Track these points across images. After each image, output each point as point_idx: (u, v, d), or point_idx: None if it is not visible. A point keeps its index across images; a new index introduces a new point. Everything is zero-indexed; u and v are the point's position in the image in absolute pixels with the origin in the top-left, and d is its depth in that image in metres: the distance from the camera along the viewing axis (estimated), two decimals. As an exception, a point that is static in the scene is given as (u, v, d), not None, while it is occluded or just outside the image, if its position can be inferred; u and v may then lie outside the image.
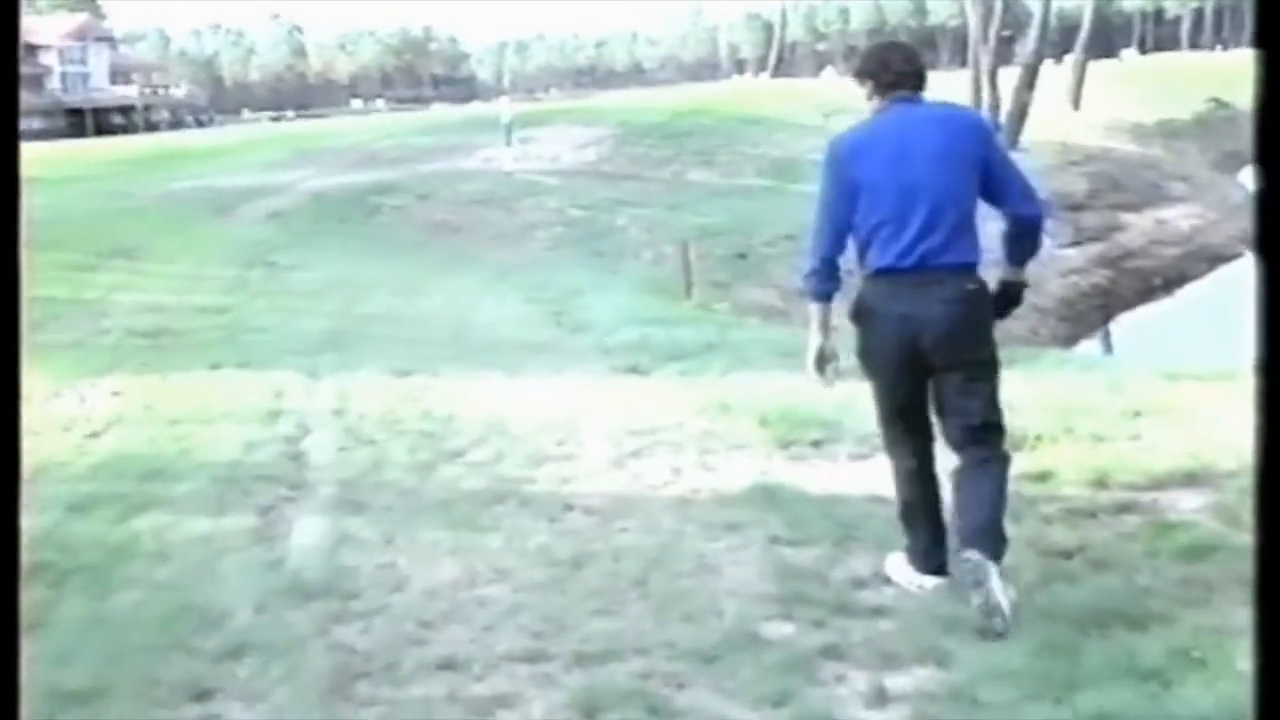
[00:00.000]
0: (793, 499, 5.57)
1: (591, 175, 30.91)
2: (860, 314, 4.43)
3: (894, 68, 4.47)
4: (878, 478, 5.69)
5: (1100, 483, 5.44)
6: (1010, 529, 4.77)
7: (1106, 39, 69.05)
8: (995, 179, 4.41)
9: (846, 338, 4.54)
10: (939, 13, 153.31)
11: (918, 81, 4.52)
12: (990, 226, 4.54)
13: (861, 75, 4.52)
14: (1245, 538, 4.41)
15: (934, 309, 4.27)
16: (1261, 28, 1.93)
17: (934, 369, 4.34)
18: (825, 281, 4.49)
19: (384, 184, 27.70)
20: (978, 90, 42.23)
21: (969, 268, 4.36)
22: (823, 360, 4.57)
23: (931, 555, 4.43)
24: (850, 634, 4.07)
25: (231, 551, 5.25)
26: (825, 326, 4.53)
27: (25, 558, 2.46)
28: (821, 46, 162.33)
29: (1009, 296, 4.59)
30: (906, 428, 4.52)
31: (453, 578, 4.79)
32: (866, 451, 6.17)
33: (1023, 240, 4.57)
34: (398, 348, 10.84)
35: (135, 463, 6.84)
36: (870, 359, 4.46)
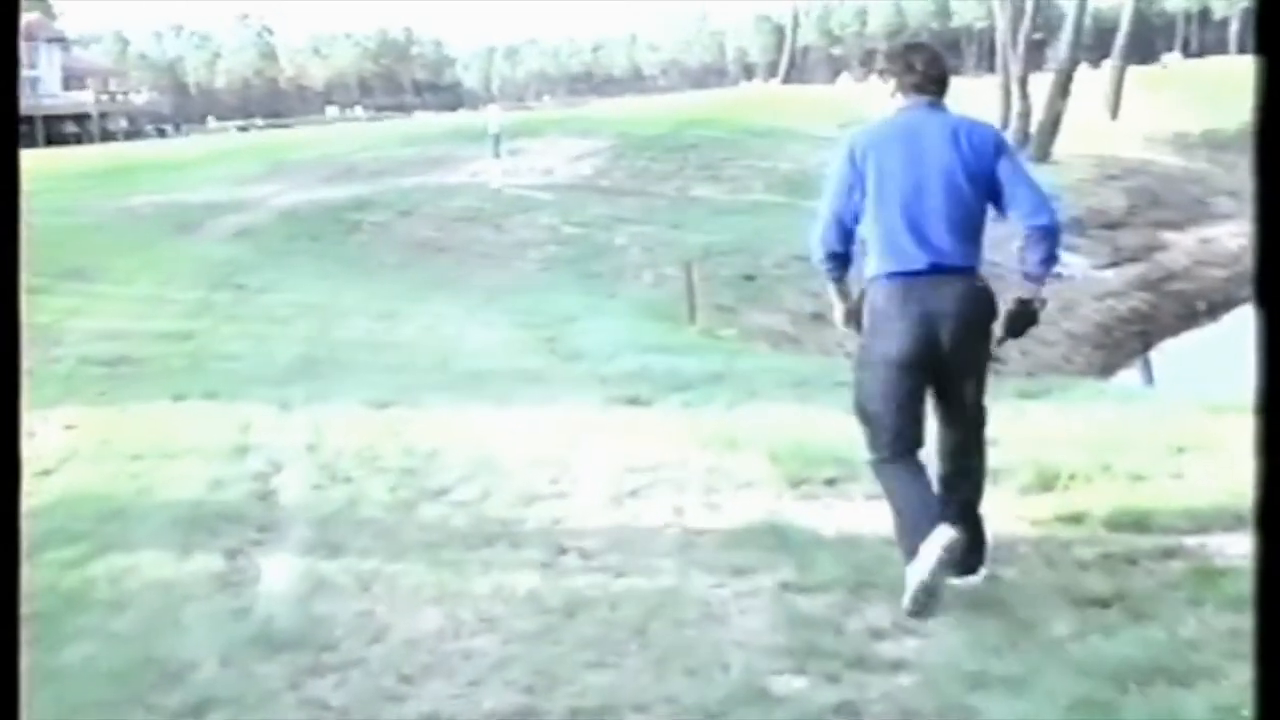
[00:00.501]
0: (805, 542, 5.57)
1: (587, 190, 31.00)
2: (871, 318, 4.85)
3: (918, 69, 4.91)
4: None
5: (1140, 525, 5.43)
6: (1042, 575, 4.78)
7: (1147, 42, 69.33)
8: (1007, 192, 4.83)
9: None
10: (964, 14, 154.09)
11: (940, 86, 4.96)
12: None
13: (886, 74, 4.99)
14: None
15: (950, 306, 4.74)
16: (1262, 34, 1.95)
17: (941, 372, 4.81)
18: (838, 269, 5.01)
19: (362, 199, 27.78)
20: (1007, 98, 42.43)
21: (974, 271, 4.87)
22: (852, 315, 5.05)
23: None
24: (867, 690, 4.07)
25: (195, 599, 5.25)
26: (846, 294, 5.08)
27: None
28: (837, 51, 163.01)
29: (1026, 315, 4.92)
30: (908, 446, 4.84)
31: (436, 627, 4.79)
32: (885, 490, 6.18)
33: (1038, 251, 4.91)
34: (377, 377, 10.85)
35: (90, 502, 6.84)
36: (880, 367, 4.82)
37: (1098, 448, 6.66)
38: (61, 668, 4.55)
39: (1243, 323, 25.81)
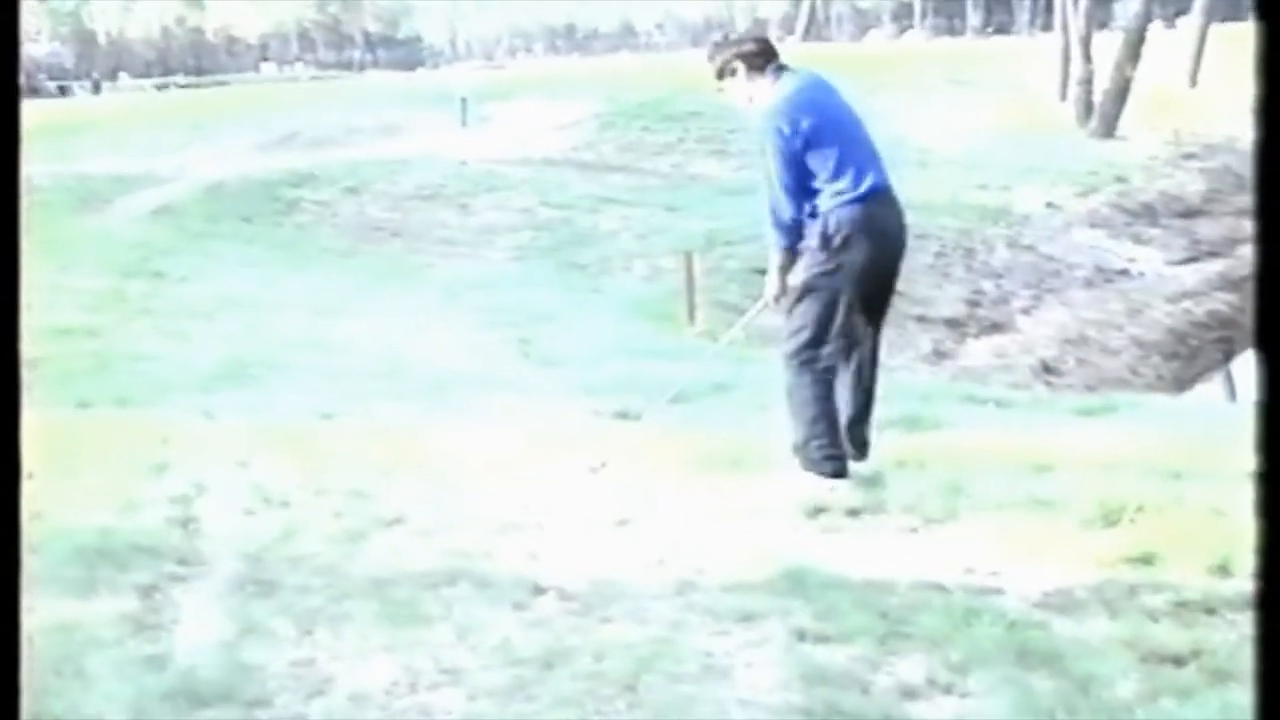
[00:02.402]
0: (824, 583, 5.59)
1: (569, 165, 31.03)
2: (846, 239, 6.48)
3: (767, 46, 6.96)
4: (933, 557, 5.73)
5: (1221, 568, 5.46)
6: (1104, 626, 4.79)
7: (1235, -5, 68.79)
8: None
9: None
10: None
11: None
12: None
13: (759, 58, 6.82)
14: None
15: (896, 221, 6.76)
16: (1263, 7, 1.99)
17: (885, 285, 6.84)
18: (798, 235, 6.68)
19: (302, 173, 27.76)
20: (1066, 61, 42.56)
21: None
22: (785, 292, 6.91)
23: (838, 459, 6.70)
24: (898, 757, 4.09)
25: (102, 645, 5.24)
26: (787, 267, 6.85)
27: None
28: (865, 3, 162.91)
29: None
30: (843, 347, 6.68)
31: (389, 680, 4.80)
32: (918, 524, 6.20)
33: None
34: (318, 383, 10.85)
35: (-21, 528, 6.83)
36: (844, 279, 6.53)
37: (1171, 476, 6.69)
38: (-57, 724, 4.55)
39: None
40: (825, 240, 6.53)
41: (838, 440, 6.76)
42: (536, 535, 6.48)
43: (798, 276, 6.77)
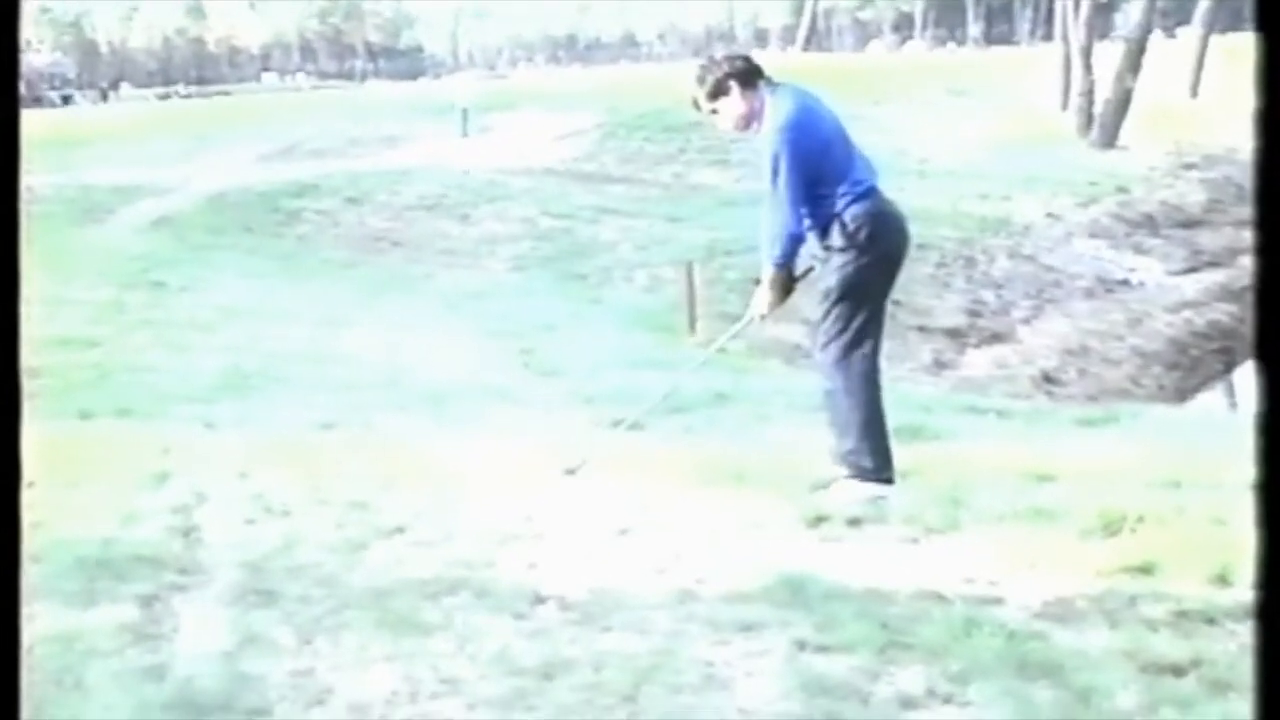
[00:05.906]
0: (824, 593, 5.57)
1: (569, 176, 31.04)
2: (868, 230, 6.60)
3: (753, 61, 7.09)
4: (933, 567, 5.72)
5: (1222, 578, 5.44)
6: (1104, 636, 4.78)
7: (1235, 6, 68.69)
8: None
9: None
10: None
11: None
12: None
13: (752, 75, 6.96)
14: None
15: (903, 223, 6.90)
16: (1263, 20, 1.99)
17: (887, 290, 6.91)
18: (797, 248, 6.94)
19: (303, 184, 27.78)
20: (1067, 71, 42.58)
21: None
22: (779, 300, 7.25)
23: (890, 465, 6.79)
24: (898, 768, 4.08)
25: (102, 655, 5.22)
26: (788, 279, 7.14)
27: None
28: (866, 14, 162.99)
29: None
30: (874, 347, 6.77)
31: (388, 689, 4.78)
32: (918, 534, 6.19)
33: None
34: (319, 394, 10.85)
35: (-21, 538, 6.82)
36: (873, 273, 6.69)
37: (1172, 486, 6.68)
38: (-57, 734, 4.54)
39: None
40: (848, 236, 6.61)
41: (888, 445, 6.80)
42: (537, 545, 6.46)
43: (828, 279, 6.76)
